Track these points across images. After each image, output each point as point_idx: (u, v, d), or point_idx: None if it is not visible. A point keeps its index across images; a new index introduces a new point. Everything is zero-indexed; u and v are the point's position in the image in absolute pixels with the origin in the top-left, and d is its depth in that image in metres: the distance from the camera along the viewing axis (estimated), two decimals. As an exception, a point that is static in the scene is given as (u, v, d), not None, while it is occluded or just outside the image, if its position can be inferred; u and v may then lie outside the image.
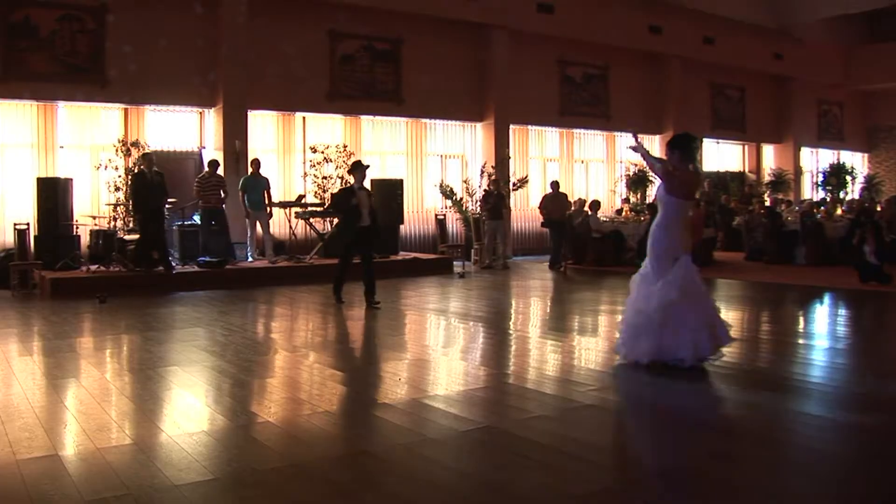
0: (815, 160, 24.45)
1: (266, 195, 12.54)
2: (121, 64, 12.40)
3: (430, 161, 16.29)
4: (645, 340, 5.56)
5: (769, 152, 23.05)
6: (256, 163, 12.59)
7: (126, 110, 12.94)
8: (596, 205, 14.80)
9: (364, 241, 8.78)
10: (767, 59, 21.32)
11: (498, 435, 4.18)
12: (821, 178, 22.94)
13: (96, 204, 12.58)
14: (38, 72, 11.94)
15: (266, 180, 12.64)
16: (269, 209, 12.64)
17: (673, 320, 5.47)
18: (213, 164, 12.28)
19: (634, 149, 5.90)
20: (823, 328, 8.07)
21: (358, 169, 8.84)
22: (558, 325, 8.31)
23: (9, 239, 11.80)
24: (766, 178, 21.96)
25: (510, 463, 3.73)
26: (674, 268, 5.57)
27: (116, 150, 12.28)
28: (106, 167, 12.19)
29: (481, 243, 15.19)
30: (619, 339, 5.86)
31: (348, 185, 8.94)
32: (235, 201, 12.46)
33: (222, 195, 12.10)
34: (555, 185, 14.72)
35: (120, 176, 12.20)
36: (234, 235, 12.51)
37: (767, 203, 17.38)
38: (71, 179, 11.95)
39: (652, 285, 5.60)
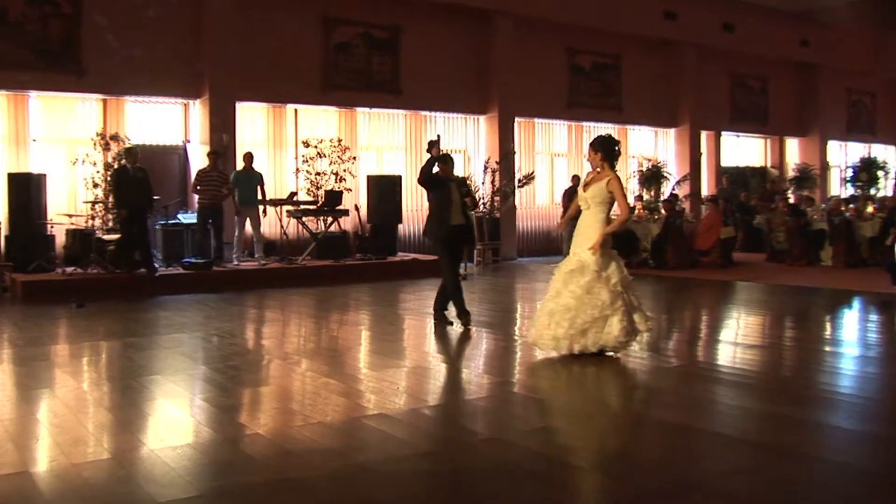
0: (843, 154, 24.42)
1: (259, 191, 12.51)
2: (98, 51, 12.40)
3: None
4: (593, 331, 6.04)
5: (793, 146, 23.03)
6: (249, 156, 12.56)
7: (104, 101, 12.94)
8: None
9: (457, 241, 7.76)
10: (792, 45, 21.26)
11: (501, 446, 4.17)
12: (850, 173, 22.89)
13: (73, 201, 12.58)
14: (6, 59, 11.86)
15: (259, 175, 12.63)
16: (262, 207, 12.62)
17: (617, 311, 6.03)
18: (215, 156, 12.17)
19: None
20: (852, 335, 8.06)
21: (447, 161, 7.93)
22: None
23: (-22, 239, 11.80)
24: (790, 173, 21.92)
25: (513, 476, 3.72)
26: (610, 261, 6.16)
27: (94, 145, 12.28)
28: (83, 162, 12.18)
29: (485, 243, 15.19)
30: (550, 332, 6.11)
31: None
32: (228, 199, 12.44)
33: (224, 192, 12.07)
34: (575, 179, 14.74)
35: (98, 172, 12.20)
36: (224, 235, 12.49)
37: (791, 200, 17.36)
38: (45, 175, 11.93)
39: (589, 279, 6.06)
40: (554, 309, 6.11)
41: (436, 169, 7.73)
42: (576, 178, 14.99)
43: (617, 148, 6.36)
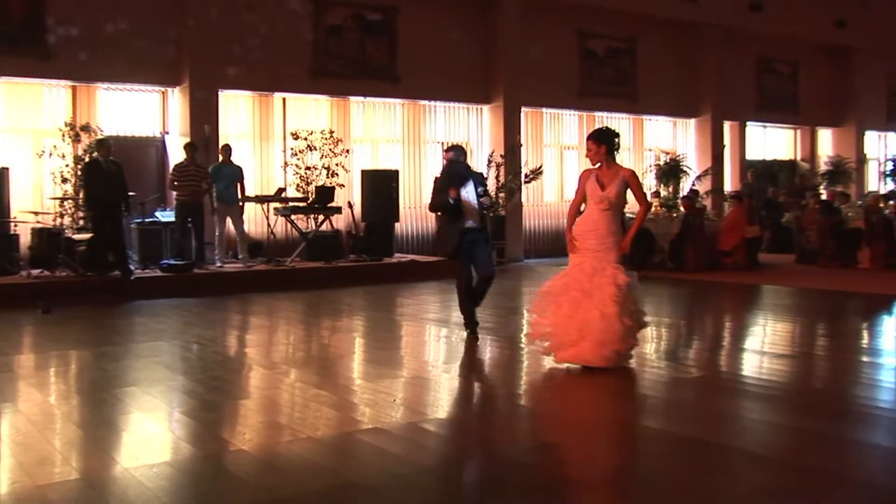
0: (882, 146, 24.36)
1: (239, 187, 12.50)
2: (67, 33, 12.37)
3: (430, 149, 16.29)
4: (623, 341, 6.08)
5: (826, 137, 22.98)
6: (227, 149, 12.55)
7: (74, 88, 12.93)
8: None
9: (470, 246, 7.48)
10: (827, 27, 21.12)
11: (506, 463, 4.18)
12: (889, 166, 22.82)
13: (39, 198, 12.56)
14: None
15: (239, 169, 12.61)
16: (241, 203, 12.59)
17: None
18: (192, 148, 12.14)
19: None
20: (892, 344, 8.04)
21: (457, 150, 7.73)
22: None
23: (-66, 239, 11.78)
24: (823, 167, 21.90)
25: (520, 495, 3.72)
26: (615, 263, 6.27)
27: (63, 135, 12.25)
28: (50, 155, 12.17)
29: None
30: (627, 346, 6.12)
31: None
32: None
33: (204, 187, 12.06)
34: None
35: (68, 165, 12.19)
36: (205, 234, 12.48)
37: (824, 196, 17.34)
38: (7, 169, 11.91)
39: (607, 282, 6.13)
40: (628, 324, 6.10)
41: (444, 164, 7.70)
42: None
43: (617, 140, 6.47)
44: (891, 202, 15.74)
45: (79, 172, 11.96)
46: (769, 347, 7.52)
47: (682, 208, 14.85)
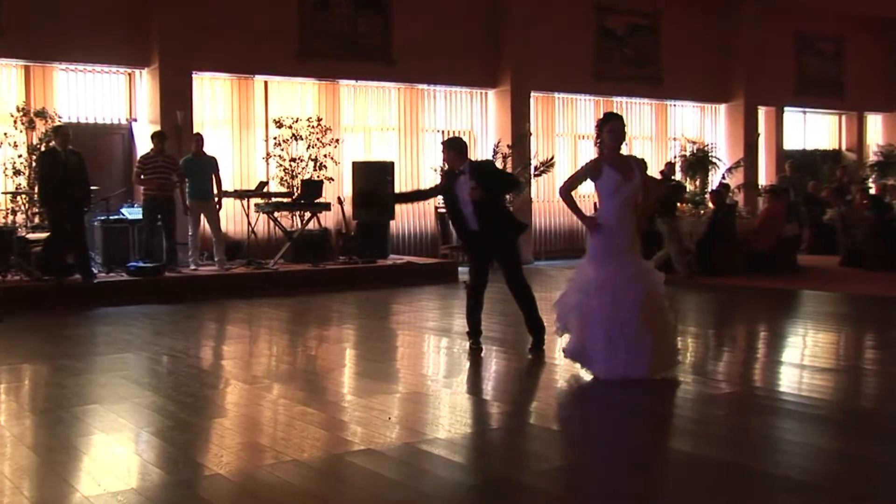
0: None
1: (214, 180, 12.49)
2: (20, 6, 12.39)
3: (429, 138, 16.32)
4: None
5: (876, 124, 22.96)
6: (198, 139, 12.54)
7: (27, 69, 12.94)
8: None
9: (480, 252, 7.60)
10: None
11: (517, 490, 4.17)
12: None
13: (-13, 193, 12.61)
14: None
15: (213, 161, 12.59)
16: (218, 199, 12.58)
17: None
18: (160, 137, 12.13)
19: None
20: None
21: (453, 147, 7.63)
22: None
23: None
24: (871, 157, 21.88)
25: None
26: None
27: (15, 122, 12.28)
28: (0, 144, 12.19)
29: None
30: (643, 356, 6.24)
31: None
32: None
33: (173, 180, 12.06)
34: (670, 167, 14.78)
35: (21, 155, 12.21)
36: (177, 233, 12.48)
37: (872, 191, 17.33)
38: (-49, 161, 11.95)
39: (655, 281, 6.44)
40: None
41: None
42: (670, 167, 14.85)
43: None
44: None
45: (34, 164, 11.97)
46: (809, 360, 7.52)
47: (710, 204, 14.85)
